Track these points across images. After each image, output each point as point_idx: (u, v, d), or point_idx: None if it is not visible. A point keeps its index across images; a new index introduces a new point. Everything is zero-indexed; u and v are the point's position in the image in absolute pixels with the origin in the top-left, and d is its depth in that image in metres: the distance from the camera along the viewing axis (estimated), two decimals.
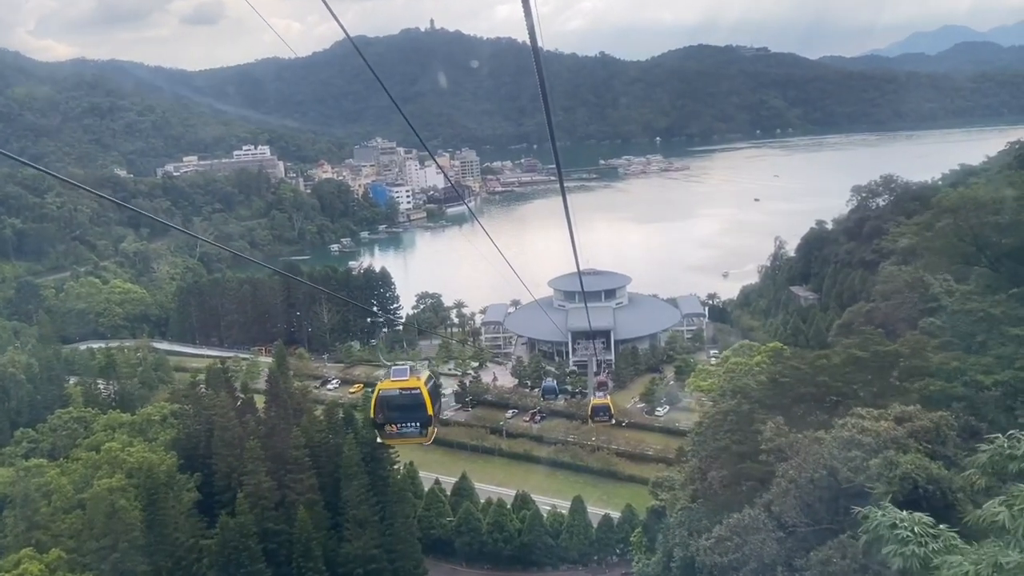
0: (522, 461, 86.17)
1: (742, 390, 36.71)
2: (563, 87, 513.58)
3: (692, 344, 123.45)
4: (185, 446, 58.29)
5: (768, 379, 37.16)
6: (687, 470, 40.64)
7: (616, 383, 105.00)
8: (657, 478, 50.26)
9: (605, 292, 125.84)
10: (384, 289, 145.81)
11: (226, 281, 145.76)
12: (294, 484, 55.29)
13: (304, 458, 55.03)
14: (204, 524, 55.41)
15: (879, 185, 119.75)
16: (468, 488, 65.40)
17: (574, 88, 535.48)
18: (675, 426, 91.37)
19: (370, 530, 56.06)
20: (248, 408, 59.53)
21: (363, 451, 57.41)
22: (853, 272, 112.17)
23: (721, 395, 42.30)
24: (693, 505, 33.80)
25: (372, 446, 56.82)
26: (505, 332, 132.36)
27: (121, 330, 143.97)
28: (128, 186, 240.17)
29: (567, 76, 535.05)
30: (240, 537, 52.38)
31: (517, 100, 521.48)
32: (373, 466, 57.63)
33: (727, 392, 40.54)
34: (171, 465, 54.21)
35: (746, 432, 32.60)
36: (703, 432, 38.26)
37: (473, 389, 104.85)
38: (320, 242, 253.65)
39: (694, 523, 32.14)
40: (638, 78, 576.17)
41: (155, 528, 50.14)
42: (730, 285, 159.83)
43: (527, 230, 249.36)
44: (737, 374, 46.70)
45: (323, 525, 56.75)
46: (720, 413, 36.11)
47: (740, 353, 67.64)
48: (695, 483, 36.07)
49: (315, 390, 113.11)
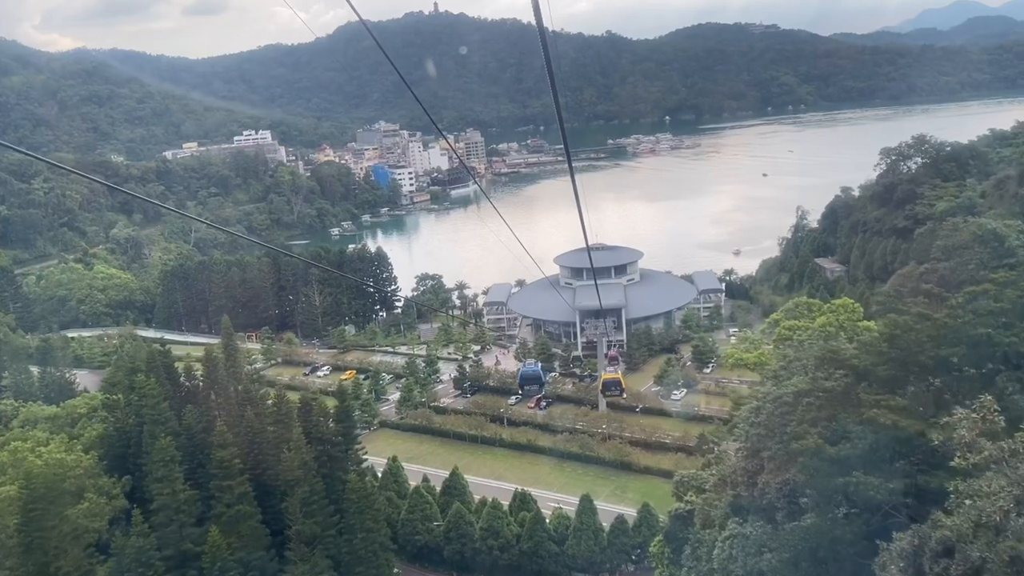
0: (525, 452, 77.86)
1: (833, 357, 26.24)
2: (569, 67, 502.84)
3: (710, 322, 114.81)
4: (115, 443, 49.23)
5: (882, 338, 26.50)
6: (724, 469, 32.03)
7: (628, 365, 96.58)
8: (681, 476, 41.55)
9: (615, 268, 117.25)
10: (380, 269, 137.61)
11: (214, 264, 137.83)
12: (220, 493, 44.13)
13: (233, 460, 44.25)
14: None
15: (910, 147, 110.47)
16: (460, 486, 56.41)
17: (581, 68, 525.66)
18: (695, 411, 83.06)
19: (320, 549, 46.19)
20: (192, 398, 50.45)
21: (318, 449, 47.97)
22: (884, 240, 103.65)
23: (785, 368, 32.66)
24: (748, 531, 25.15)
25: (330, 443, 48.41)
26: (509, 313, 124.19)
27: (104, 317, 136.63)
28: (121, 171, 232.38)
29: (573, 56, 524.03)
30: (138, 566, 41.71)
31: (523, 82, 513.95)
32: (331, 467, 48.21)
33: (794, 364, 30.91)
34: (89, 467, 45.37)
35: (845, 421, 24.19)
36: (760, 420, 28.10)
37: (473, 374, 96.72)
38: (320, 226, 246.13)
39: (750, 554, 23.81)
40: (646, 57, 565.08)
41: (33, 554, 39.38)
42: (745, 262, 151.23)
43: (533, 211, 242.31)
44: (796, 341, 37.40)
45: (260, 544, 45.95)
46: (794, 393, 26.11)
47: (796, 315, 57.57)
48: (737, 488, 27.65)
49: (304, 377, 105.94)
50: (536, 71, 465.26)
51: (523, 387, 41.63)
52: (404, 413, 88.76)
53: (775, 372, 32.39)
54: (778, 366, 33.47)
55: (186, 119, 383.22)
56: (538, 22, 6.62)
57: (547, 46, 7.05)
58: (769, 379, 33.84)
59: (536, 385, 38.97)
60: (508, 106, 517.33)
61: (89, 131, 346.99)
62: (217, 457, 43.00)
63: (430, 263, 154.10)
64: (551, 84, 7.69)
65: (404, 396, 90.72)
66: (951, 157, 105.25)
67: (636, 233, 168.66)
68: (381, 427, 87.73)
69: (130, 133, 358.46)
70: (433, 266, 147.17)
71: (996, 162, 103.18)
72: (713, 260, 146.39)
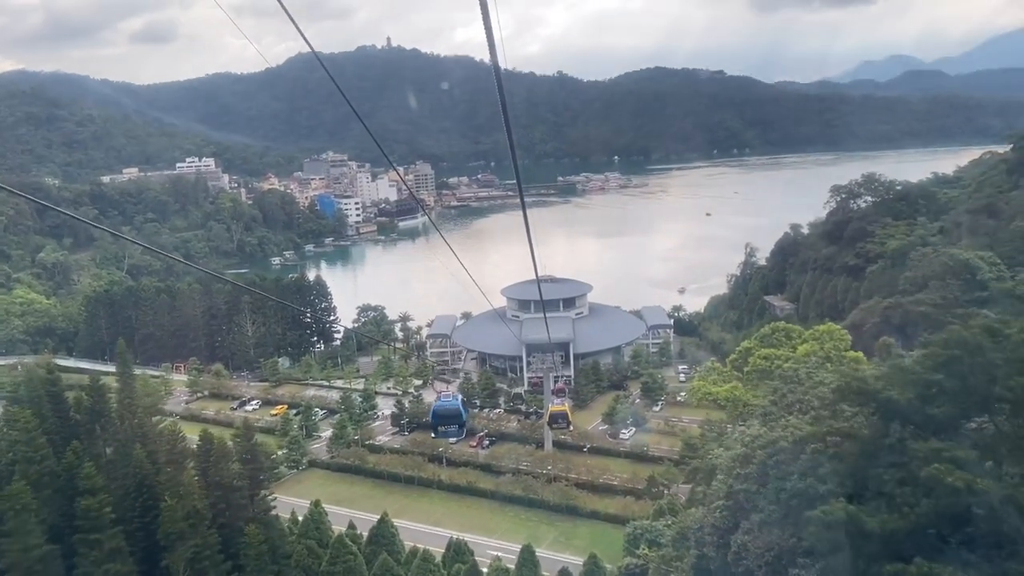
0: (465, 495, 72.83)
1: (861, 388, 20.42)
2: (521, 105, 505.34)
3: (659, 359, 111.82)
4: None
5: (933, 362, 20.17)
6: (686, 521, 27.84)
7: (576, 402, 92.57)
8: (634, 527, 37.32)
9: (564, 301, 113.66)
10: (319, 299, 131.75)
11: (142, 290, 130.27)
12: (86, 549, 36.47)
13: (103, 509, 36.79)
14: None
15: (860, 186, 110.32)
16: (388, 535, 50.71)
17: (532, 106, 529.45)
18: (643, 451, 79.30)
19: None
20: (80, 434, 43.63)
21: (215, 495, 41.42)
22: (835, 278, 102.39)
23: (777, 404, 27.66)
24: None
25: (230, 488, 42.01)
26: (454, 346, 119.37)
27: (21, 345, 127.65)
28: (52, 193, 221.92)
29: (525, 95, 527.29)
30: None
31: (474, 118, 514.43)
32: (231, 516, 41.91)
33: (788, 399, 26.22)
34: None
35: (877, 478, 18.71)
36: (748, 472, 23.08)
37: (413, 410, 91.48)
38: (261, 254, 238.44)
39: None
40: (596, 98, 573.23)
41: None
42: (690, 299, 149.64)
43: (483, 243, 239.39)
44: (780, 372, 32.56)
45: None
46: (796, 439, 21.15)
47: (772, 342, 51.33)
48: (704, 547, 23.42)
49: (231, 412, 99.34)
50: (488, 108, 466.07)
51: (437, 427, 30.89)
52: (336, 452, 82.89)
53: (765, 410, 27.69)
54: (767, 402, 28.75)
55: (127, 144, 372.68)
56: (493, 60, 6.65)
57: (501, 84, 7.14)
58: (756, 418, 29.04)
59: (454, 425, 29.94)
60: (460, 141, 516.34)
61: (23, 153, 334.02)
62: (83, 506, 36.13)
63: (374, 295, 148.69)
64: (504, 120, 7.71)
65: (336, 433, 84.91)
66: (901, 196, 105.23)
67: (584, 268, 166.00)
68: (311, 467, 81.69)
69: (67, 157, 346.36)
70: (377, 298, 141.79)
71: (944, 202, 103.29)
72: (660, 297, 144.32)
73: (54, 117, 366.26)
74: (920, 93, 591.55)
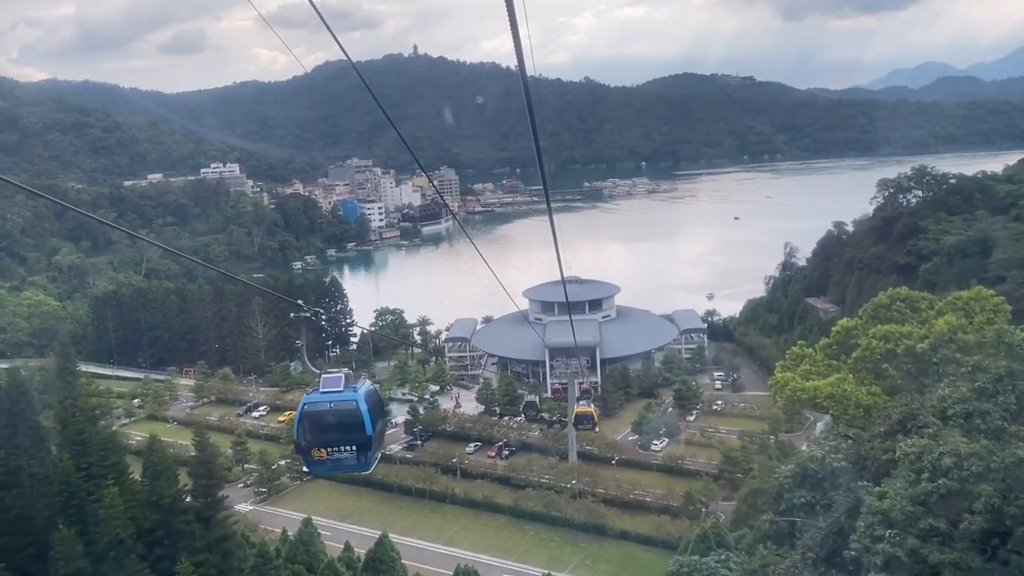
0: (481, 511, 66.44)
1: None
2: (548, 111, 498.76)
3: (692, 365, 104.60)
4: None
5: None
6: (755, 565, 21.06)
7: (602, 410, 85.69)
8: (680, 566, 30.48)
9: (590, 303, 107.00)
10: (334, 301, 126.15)
11: (151, 291, 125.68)
12: None
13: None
14: None
15: (909, 179, 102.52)
16: (387, 558, 44.04)
17: (559, 112, 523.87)
18: (678, 463, 72.38)
19: None
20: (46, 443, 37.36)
21: (152, 519, 33.90)
22: (884, 278, 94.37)
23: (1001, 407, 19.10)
24: None
25: (172, 511, 34.70)
26: (473, 350, 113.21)
27: (26, 347, 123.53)
28: (71, 196, 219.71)
29: (552, 100, 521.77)
30: None
31: (500, 124, 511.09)
32: (173, 543, 34.99)
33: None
34: None
35: None
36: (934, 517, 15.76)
37: (427, 418, 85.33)
38: (282, 259, 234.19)
39: None
40: (623, 103, 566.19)
41: None
42: (726, 304, 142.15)
43: (506, 248, 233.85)
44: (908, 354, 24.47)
45: None
46: None
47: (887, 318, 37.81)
48: None
49: (236, 418, 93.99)
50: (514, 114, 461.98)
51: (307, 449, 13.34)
52: None
53: (969, 409, 19.39)
54: (968, 398, 20.00)
55: (153, 150, 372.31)
56: (520, 65, 6.54)
57: (528, 89, 7.07)
58: (951, 427, 20.45)
59: (346, 445, 13.07)
60: (485, 148, 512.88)
61: (50, 159, 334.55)
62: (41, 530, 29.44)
63: (394, 299, 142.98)
64: (531, 125, 7.53)
65: None
66: (955, 190, 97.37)
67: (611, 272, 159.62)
68: (315, 478, 75.83)
69: (93, 162, 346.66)
70: (397, 302, 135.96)
71: (1003, 196, 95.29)
72: (690, 301, 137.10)
73: (82, 124, 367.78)
74: (953, 99, 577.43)
